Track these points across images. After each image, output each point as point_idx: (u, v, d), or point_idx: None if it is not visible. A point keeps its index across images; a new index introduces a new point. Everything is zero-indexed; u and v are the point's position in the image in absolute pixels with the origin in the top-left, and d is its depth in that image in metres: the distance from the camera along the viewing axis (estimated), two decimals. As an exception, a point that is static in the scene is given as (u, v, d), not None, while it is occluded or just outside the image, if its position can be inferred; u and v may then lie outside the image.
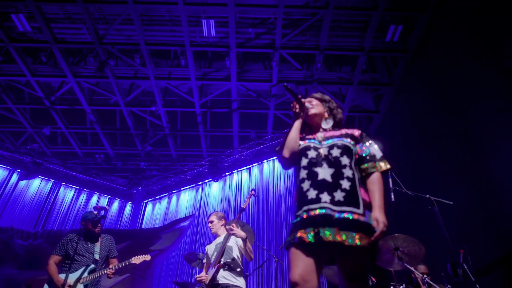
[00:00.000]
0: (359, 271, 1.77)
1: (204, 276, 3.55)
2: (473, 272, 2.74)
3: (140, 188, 9.69)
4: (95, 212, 3.82)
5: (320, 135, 2.11)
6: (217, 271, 3.44)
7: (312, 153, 2.00)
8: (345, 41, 7.47)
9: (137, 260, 3.88)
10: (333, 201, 1.79)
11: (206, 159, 9.27)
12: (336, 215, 1.75)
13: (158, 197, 9.83)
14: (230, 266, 3.55)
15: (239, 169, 9.01)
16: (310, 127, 2.21)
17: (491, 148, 4.84)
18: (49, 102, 8.36)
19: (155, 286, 7.63)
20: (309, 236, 1.75)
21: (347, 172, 1.89)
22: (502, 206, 4.58)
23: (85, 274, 3.63)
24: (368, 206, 1.84)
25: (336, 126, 2.19)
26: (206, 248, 3.91)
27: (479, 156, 5.09)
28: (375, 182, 1.90)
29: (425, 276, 3.38)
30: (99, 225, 3.83)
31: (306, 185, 1.91)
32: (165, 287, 7.72)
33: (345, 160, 1.92)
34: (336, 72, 8.16)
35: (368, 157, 1.96)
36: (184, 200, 9.36)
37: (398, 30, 6.52)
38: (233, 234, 3.47)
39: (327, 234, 1.70)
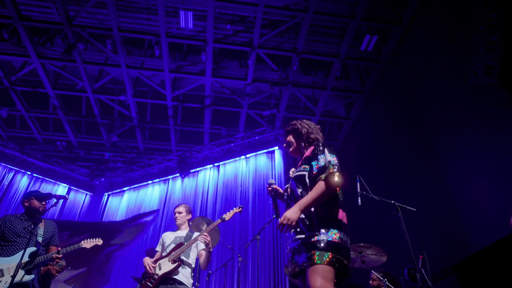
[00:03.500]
0: None
1: (151, 267, 3.42)
2: (430, 277, 2.85)
3: (103, 179, 9.31)
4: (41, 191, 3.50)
5: (292, 171, 2.37)
6: (176, 268, 3.37)
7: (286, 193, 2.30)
8: (322, 47, 7.59)
9: (87, 244, 3.55)
10: (295, 232, 2.07)
11: (174, 154, 9.07)
12: (293, 244, 2.05)
13: (121, 190, 9.49)
14: (187, 265, 3.49)
15: (208, 166, 8.90)
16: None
17: (451, 161, 5.09)
18: (9, 82, 7.84)
19: (113, 281, 7.36)
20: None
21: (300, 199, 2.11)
22: (458, 216, 4.83)
23: (26, 258, 3.16)
24: (324, 222, 2.00)
25: (311, 144, 2.35)
26: (163, 235, 3.78)
27: (439, 167, 5.33)
28: (314, 188, 2.05)
29: (385, 280, 3.48)
30: (43, 203, 3.45)
31: None
32: (124, 282, 7.45)
33: (298, 191, 2.15)
34: (311, 76, 8.27)
35: (319, 172, 2.09)
36: (149, 195, 9.10)
37: (373, 40, 6.72)
38: (206, 243, 3.39)
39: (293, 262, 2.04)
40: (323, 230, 1.95)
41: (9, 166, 8.67)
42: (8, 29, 6.86)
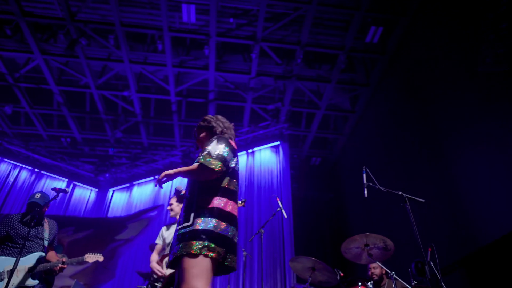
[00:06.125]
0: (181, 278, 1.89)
1: (161, 271, 3.36)
2: (439, 270, 2.79)
3: (107, 175, 9.32)
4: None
5: None
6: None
7: None
8: (326, 39, 7.47)
9: (90, 258, 3.69)
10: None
11: (179, 149, 9.05)
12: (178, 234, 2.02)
13: (126, 185, 9.50)
14: None
15: (212, 161, 8.85)
16: None
17: (457, 154, 4.99)
18: (13, 79, 7.84)
19: (118, 276, 7.37)
20: None
21: (188, 192, 2.18)
22: (465, 210, 4.74)
23: (33, 263, 3.28)
24: (205, 211, 2.01)
25: (215, 135, 2.37)
26: (163, 228, 3.69)
27: (446, 160, 5.24)
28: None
29: (393, 273, 3.41)
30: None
31: None
32: (128, 277, 7.46)
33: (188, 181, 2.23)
34: (316, 70, 8.16)
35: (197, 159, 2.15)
36: (154, 190, 9.09)
37: (378, 32, 6.61)
38: None
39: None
40: (195, 220, 1.98)
41: (14, 162, 8.70)
42: (10, 25, 6.84)
